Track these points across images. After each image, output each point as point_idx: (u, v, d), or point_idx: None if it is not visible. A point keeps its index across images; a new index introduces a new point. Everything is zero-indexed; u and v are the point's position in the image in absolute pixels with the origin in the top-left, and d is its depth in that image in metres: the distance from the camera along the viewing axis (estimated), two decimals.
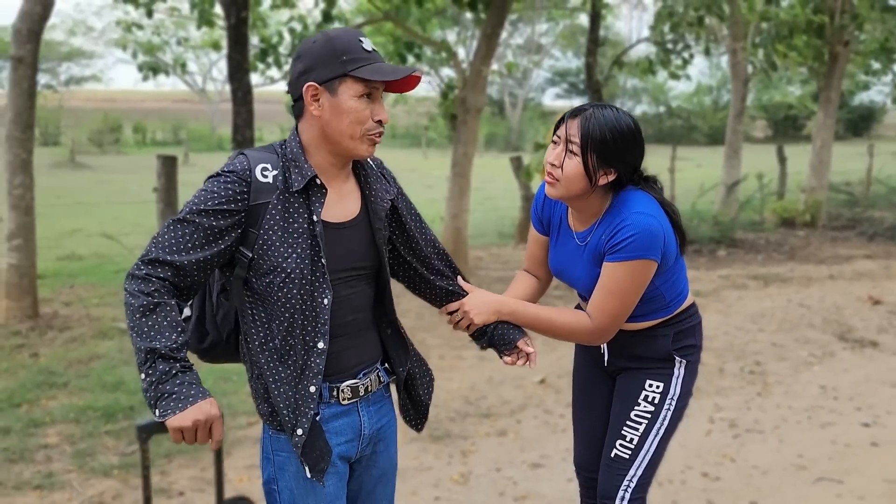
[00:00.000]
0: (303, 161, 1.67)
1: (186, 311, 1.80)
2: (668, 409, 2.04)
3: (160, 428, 1.59)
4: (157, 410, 1.54)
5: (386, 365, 1.88)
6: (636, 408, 2.04)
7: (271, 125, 43.35)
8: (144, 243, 6.28)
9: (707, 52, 12.17)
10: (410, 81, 1.69)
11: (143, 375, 1.55)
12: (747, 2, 9.69)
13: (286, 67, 8.23)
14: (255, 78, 7.50)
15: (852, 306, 6.45)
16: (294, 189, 1.64)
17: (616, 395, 2.10)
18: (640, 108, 45.35)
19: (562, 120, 1.90)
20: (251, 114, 6.63)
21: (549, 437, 3.77)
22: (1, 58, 41.22)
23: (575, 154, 1.84)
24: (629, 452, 2.03)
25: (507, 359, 1.92)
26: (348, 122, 1.63)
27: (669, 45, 11.69)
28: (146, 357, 1.54)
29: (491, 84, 42.17)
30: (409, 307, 5.49)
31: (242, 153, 1.69)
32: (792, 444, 3.67)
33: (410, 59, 8.09)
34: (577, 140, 1.84)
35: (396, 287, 1.88)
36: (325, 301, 1.66)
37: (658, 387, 2.03)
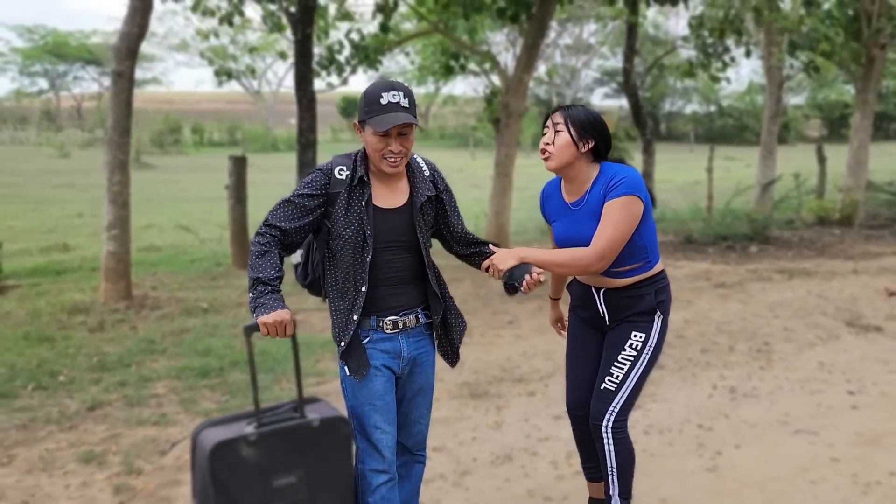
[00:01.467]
0: (361, 165, 2.47)
1: (299, 258, 2.61)
2: (647, 354, 2.68)
3: (255, 327, 2.29)
4: (253, 314, 2.30)
5: (426, 311, 2.60)
6: (622, 353, 2.69)
7: (323, 126, 44.58)
8: (214, 236, 7.43)
9: (748, 55, 12.55)
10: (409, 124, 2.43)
11: (250, 294, 2.32)
12: (781, 12, 10.07)
13: (345, 74, 9.02)
14: (316, 83, 8.30)
15: (868, 297, 6.90)
16: (353, 183, 2.45)
17: (606, 344, 2.75)
18: (689, 108, 45.21)
19: (548, 116, 2.64)
20: (314, 119, 7.42)
21: None
22: (81, 60, 42.87)
23: (560, 131, 2.59)
24: (615, 385, 2.68)
25: (523, 285, 2.47)
26: (371, 150, 2.43)
27: (710, 49, 12.11)
28: (253, 283, 2.32)
29: (539, 85, 42.65)
30: (456, 293, 6.19)
31: (332, 159, 2.51)
32: (781, 405, 4.25)
33: (457, 67, 8.76)
34: (561, 121, 2.59)
35: (458, 275, 2.58)
36: (367, 258, 2.44)
37: (641, 336, 2.68)
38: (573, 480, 3.36)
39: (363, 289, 2.44)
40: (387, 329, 2.51)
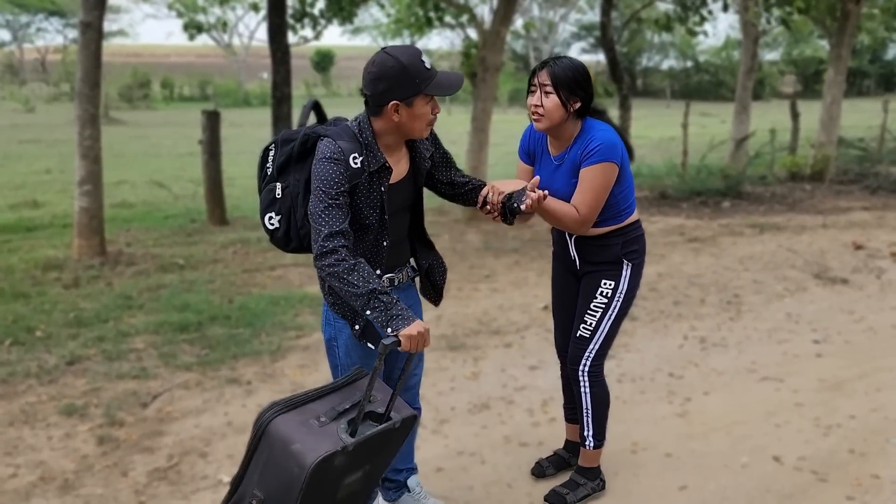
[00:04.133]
0: (376, 148, 2.30)
1: (276, 223, 2.42)
2: (618, 300, 2.75)
3: (397, 342, 2.08)
4: (389, 328, 2.11)
5: (413, 264, 2.62)
6: (594, 301, 2.76)
7: (297, 81, 43.77)
8: (188, 192, 7.34)
9: (725, 9, 12.51)
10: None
11: (368, 311, 2.14)
12: None
13: (319, 27, 8.85)
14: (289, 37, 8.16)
15: (836, 251, 7.07)
16: (372, 170, 2.31)
17: (580, 292, 2.82)
18: (666, 63, 45.10)
19: (534, 72, 2.61)
20: (289, 73, 7.32)
21: (547, 349, 4.51)
22: (44, 11, 41.35)
23: (550, 93, 2.57)
24: (589, 332, 2.76)
25: (525, 203, 2.42)
26: (421, 122, 2.30)
27: (688, 2, 12.06)
28: (369, 297, 2.13)
29: (516, 40, 42.16)
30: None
31: (336, 142, 2.28)
32: (749, 354, 4.39)
33: (434, 19, 8.65)
34: (549, 82, 2.57)
35: (434, 230, 2.61)
36: (385, 244, 2.40)
37: (610, 284, 2.74)
38: (548, 427, 3.46)
39: (378, 272, 2.39)
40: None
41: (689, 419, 3.56)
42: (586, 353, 2.78)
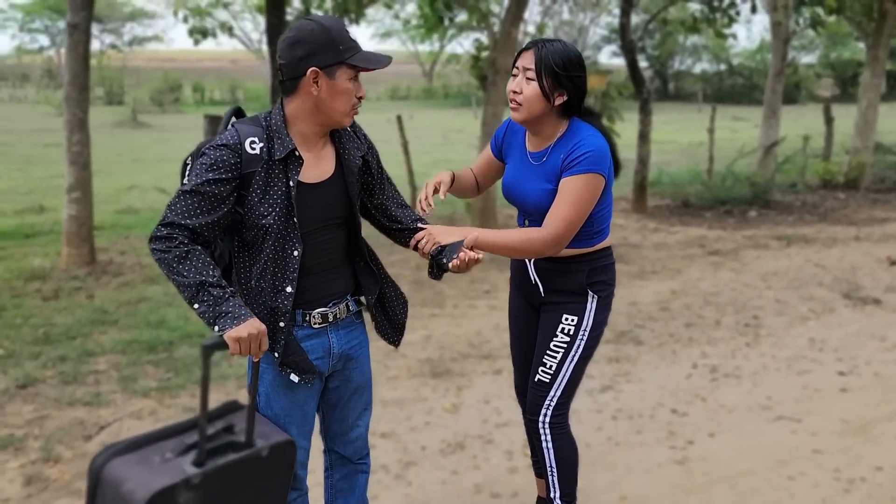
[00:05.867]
0: (285, 133, 1.96)
1: None
2: (582, 339, 2.34)
3: (221, 345, 1.79)
4: (216, 327, 1.81)
5: (357, 297, 2.24)
6: (554, 339, 2.35)
7: None
8: None
9: (754, 10, 11.96)
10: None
11: (196, 305, 1.83)
12: None
13: None
14: None
15: (868, 266, 6.55)
16: (276, 158, 1.94)
17: (539, 328, 2.42)
18: (699, 66, 44.15)
19: (519, 54, 2.22)
20: None
21: None
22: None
23: (531, 80, 2.18)
24: (549, 377, 2.36)
25: (453, 261, 2.06)
26: (343, 100, 1.95)
27: (715, 2, 11.55)
28: (197, 289, 1.82)
29: None
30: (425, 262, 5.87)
31: (234, 126, 1.98)
32: (764, 387, 3.94)
33: (446, 20, 8.29)
34: (532, 67, 2.17)
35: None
36: (296, 253, 1.99)
37: (573, 320, 2.34)
38: (526, 474, 3.06)
39: (288, 289, 1.98)
40: (315, 324, 2.08)
41: (688, 468, 3.14)
42: (546, 402, 2.37)
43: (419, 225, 2.22)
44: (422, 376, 4.12)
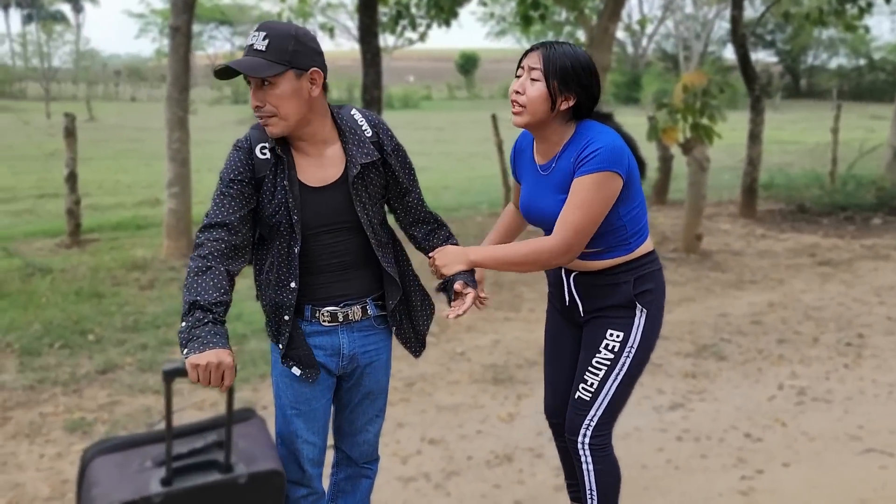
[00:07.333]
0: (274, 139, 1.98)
1: None
2: (628, 356, 2.17)
3: (181, 372, 1.73)
4: (185, 350, 1.78)
5: (379, 301, 2.18)
6: (598, 355, 2.19)
7: (440, 84, 44.34)
8: None
9: (889, 0, 11.00)
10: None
11: (182, 323, 1.82)
12: None
13: (421, 28, 8.54)
14: (391, 39, 7.90)
15: None
16: (274, 160, 1.98)
17: (582, 343, 2.26)
18: (835, 61, 41.35)
19: (524, 55, 2.09)
20: (379, 75, 7.08)
21: None
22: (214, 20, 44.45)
23: (536, 80, 2.03)
24: (590, 395, 2.20)
25: (450, 312, 2.03)
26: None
27: None
28: (189, 308, 1.82)
29: (666, 38, 40.16)
30: None
31: (253, 128, 2.02)
32: (857, 415, 3.56)
33: (535, 17, 8.10)
34: (539, 66, 2.03)
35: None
36: (295, 250, 2.00)
37: (618, 336, 2.16)
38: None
39: (292, 284, 2.02)
40: (324, 321, 2.08)
41: (752, 499, 2.86)
42: (586, 421, 2.21)
43: (443, 233, 2.22)
44: (483, 382, 4.01)
